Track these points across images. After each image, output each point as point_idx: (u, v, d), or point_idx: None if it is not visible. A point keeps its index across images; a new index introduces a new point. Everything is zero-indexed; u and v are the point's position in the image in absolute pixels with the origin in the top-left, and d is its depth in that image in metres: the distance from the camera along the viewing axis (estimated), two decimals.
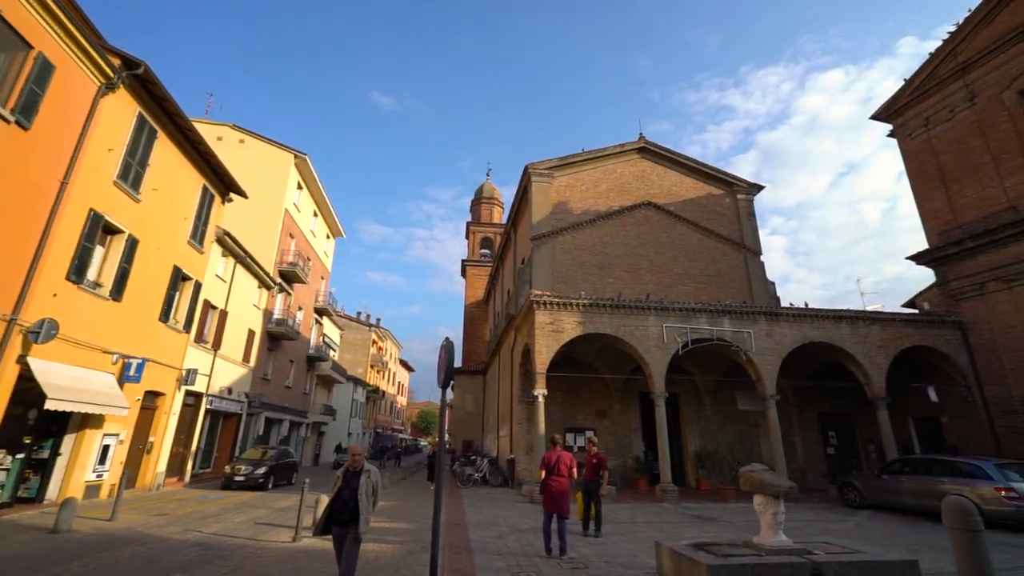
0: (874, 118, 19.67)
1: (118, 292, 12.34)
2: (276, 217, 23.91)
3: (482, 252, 45.76)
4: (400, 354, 68.22)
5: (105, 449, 12.40)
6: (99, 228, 11.56)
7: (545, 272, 19.91)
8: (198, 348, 17.09)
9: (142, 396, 13.78)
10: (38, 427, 10.87)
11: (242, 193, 17.95)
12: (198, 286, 16.37)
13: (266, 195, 23.47)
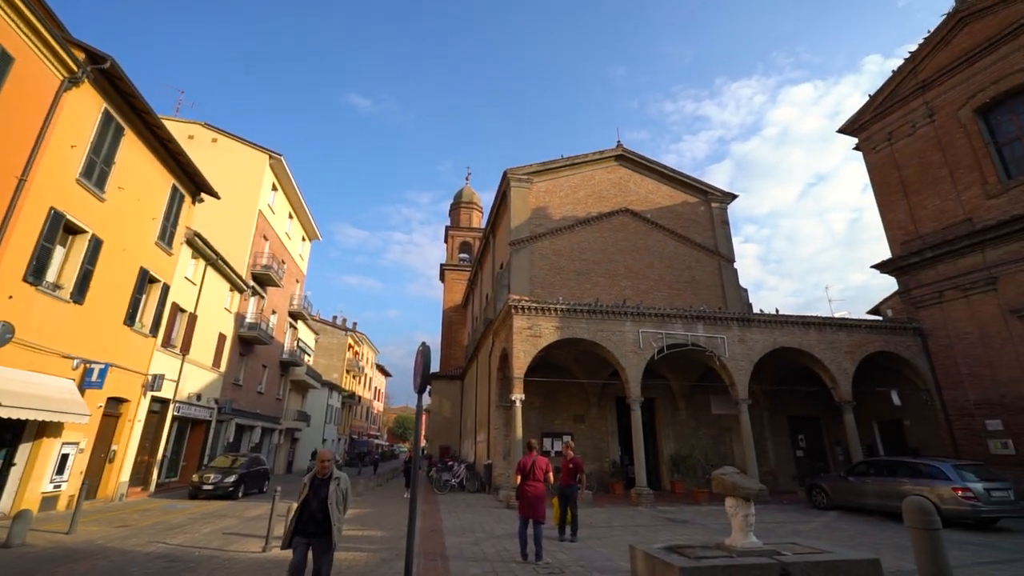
0: (841, 131, 20.40)
1: (80, 294, 11.87)
2: (250, 219, 23.39)
3: (461, 256, 45.63)
4: (377, 359, 67.33)
5: (64, 458, 11.85)
6: (60, 228, 11.12)
7: (523, 277, 19.97)
8: (165, 352, 16.54)
9: (105, 403, 13.25)
10: None
11: (214, 193, 17.51)
12: (166, 288, 15.89)
13: (239, 196, 22.95)
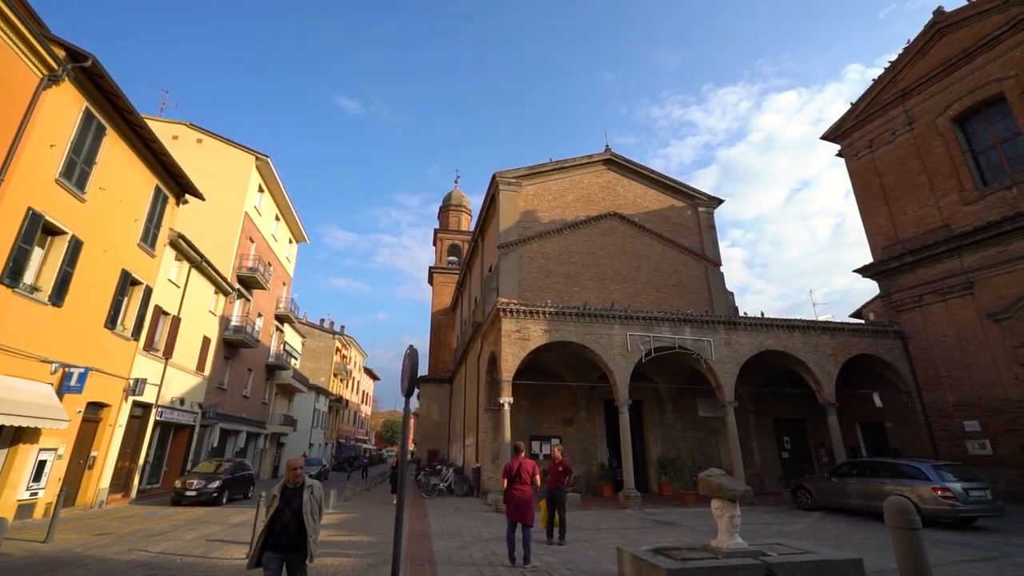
0: (824, 138, 20.79)
1: (59, 297, 11.61)
2: (235, 220, 23.09)
3: (450, 259, 45.49)
4: (365, 362, 66.78)
5: (41, 465, 11.55)
6: (38, 228, 10.88)
7: (512, 280, 19.97)
8: (148, 356, 16.24)
9: (84, 408, 12.96)
10: None
11: (198, 194, 17.27)
12: (148, 291, 15.60)
13: (225, 197, 22.65)
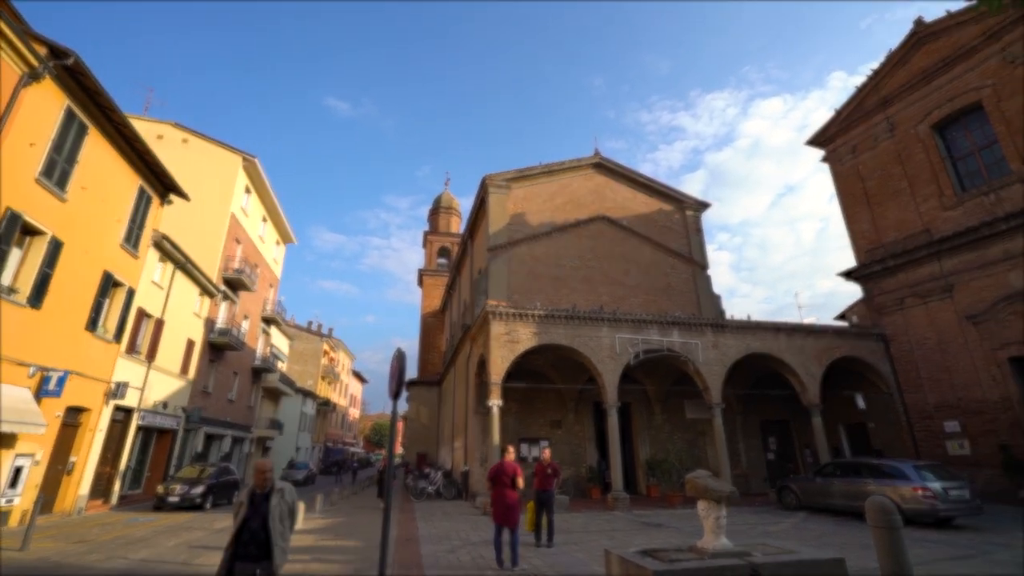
0: (809, 143, 21.15)
1: (37, 298, 11.37)
2: (221, 221, 22.82)
3: (439, 262, 45.36)
4: (353, 365, 66.26)
5: (17, 471, 11.25)
6: (16, 228, 10.66)
7: (501, 283, 19.98)
8: (130, 359, 15.95)
9: (63, 412, 12.67)
10: None
11: (183, 195, 17.04)
12: (131, 293, 15.34)
13: (211, 198, 22.37)
